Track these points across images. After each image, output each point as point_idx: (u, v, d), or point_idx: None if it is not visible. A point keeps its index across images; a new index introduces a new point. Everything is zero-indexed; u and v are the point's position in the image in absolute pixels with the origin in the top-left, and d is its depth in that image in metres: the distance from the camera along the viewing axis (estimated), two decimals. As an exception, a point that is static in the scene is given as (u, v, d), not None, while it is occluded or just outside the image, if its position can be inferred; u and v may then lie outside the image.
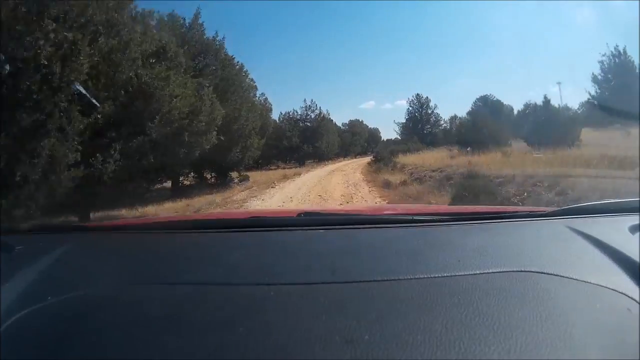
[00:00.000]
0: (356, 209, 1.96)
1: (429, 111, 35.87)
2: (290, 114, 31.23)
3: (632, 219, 0.76)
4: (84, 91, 4.19)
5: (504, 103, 30.02)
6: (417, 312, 0.49)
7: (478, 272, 0.59)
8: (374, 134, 48.94)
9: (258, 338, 0.45)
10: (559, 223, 0.81)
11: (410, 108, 36.11)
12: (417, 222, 0.86)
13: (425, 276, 0.57)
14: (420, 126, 35.09)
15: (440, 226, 0.85)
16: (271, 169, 26.33)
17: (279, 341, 0.44)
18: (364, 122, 44.70)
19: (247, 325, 0.47)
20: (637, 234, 0.70)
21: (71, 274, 0.68)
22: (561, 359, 0.41)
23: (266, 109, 21.96)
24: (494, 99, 31.12)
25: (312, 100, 31.40)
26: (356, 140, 40.91)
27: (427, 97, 36.09)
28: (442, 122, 35.46)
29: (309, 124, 31.03)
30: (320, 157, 30.12)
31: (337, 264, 0.63)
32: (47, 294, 0.56)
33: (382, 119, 72.97)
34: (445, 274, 0.58)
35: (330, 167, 23.90)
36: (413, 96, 36.21)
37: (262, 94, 23.61)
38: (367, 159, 32.18)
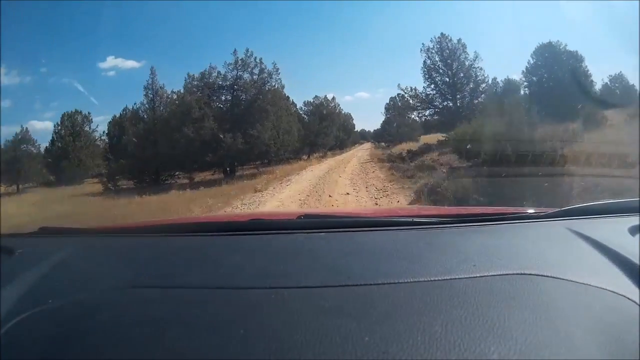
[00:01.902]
0: (357, 212, 1.96)
1: (467, 64, 17.97)
2: (205, 74, 15.91)
3: (632, 220, 0.77)
4: (85, 91, 4.00)
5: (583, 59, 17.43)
6: (417, 315, 0.49)
7: (478, 275, 0.59)
8: (345, 121, 34.68)
9: (258, 340, 0.46)
10: (559, 225, 0.81)
11: (429, 62, 18.20)
12: (417, 225, 0.85)
13: (425, 279, 0.58)
14: (450, 91, 17.93)
15: (440, 228, 0.84)
16: (138, 198, 11.69)
17: (279, 343, 0.45)
18: (337, 101, 28.62)
19: (247, 327, 0.48)
20: (637, 235, 0.71)
21: (72, 277, 0.68)
22: None
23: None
24: (564, 48, 17.36)
25: (248, 51, 15.91)
26: (326, 128, 24.77)
27: (460, 39, 18.14)
28: (485, 84, 18.02)
29: (240, 92, 15.80)
30: (262, 157, 15.09)
31: (337, 267, 0.63)
32: (49, 297, 0.56)
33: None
34: (445, 277, 0.58)
35: (280, 198, 8.45)
36: (434, 39, 18.31)
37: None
38: (356, 160, 16.72)
